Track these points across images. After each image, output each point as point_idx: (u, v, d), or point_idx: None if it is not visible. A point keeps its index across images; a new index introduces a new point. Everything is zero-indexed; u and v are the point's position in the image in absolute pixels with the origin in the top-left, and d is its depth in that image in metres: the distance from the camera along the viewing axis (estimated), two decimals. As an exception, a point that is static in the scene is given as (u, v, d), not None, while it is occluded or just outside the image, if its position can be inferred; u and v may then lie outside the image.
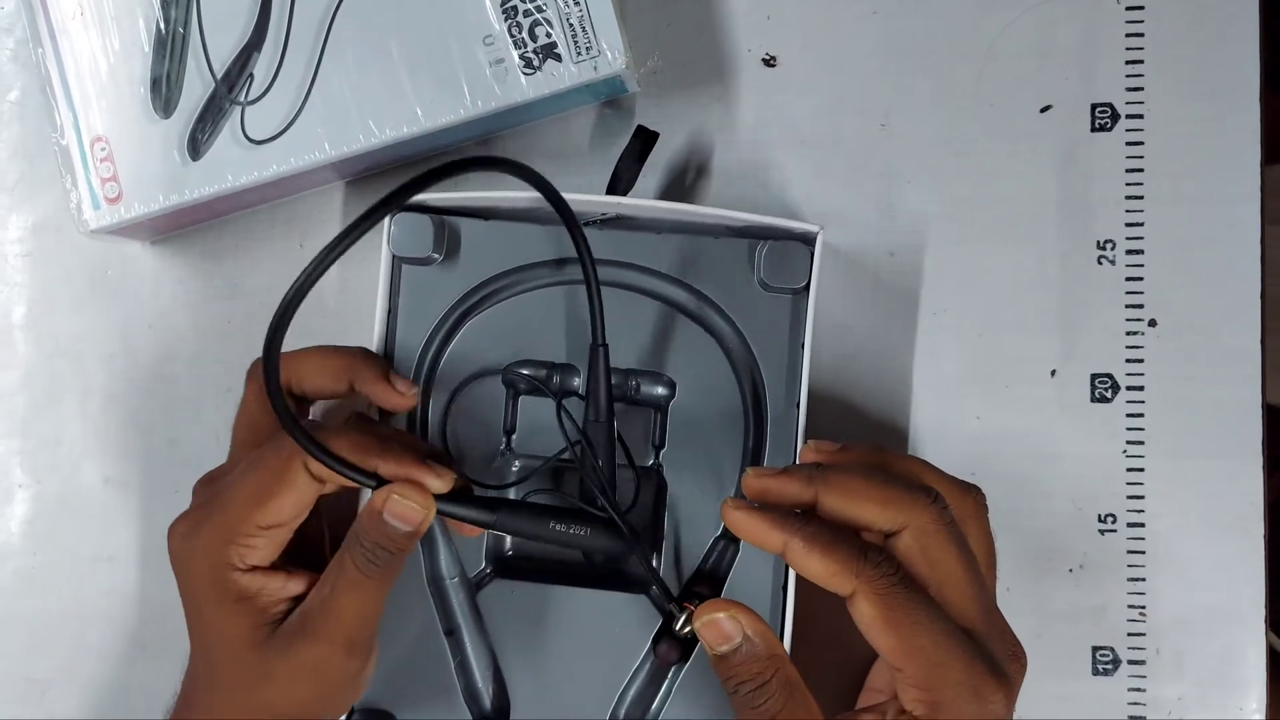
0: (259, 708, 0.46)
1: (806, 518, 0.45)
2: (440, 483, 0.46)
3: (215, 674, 0.47)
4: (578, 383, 0.52)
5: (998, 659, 0.44)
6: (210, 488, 0.49)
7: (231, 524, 0.46)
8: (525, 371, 0.52)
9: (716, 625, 0.45)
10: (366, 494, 0.47)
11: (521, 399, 0.53)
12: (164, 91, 0.54)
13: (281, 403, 0.43)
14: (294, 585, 0.47)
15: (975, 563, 0.45)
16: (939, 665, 0.42)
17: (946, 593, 0.44)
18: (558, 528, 0.48)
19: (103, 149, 0.55)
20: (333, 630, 0.46)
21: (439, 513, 0.46)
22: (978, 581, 0.45)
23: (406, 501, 0.45)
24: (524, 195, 0.51)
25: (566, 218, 0.46)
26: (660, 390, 0.52)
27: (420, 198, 0.51)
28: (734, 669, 0.44)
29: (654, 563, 0.51)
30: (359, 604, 0.46)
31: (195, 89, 0.54)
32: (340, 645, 0.46)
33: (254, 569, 0.46)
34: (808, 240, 0.51)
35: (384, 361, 0.51)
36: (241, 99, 0.54)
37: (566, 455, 0.51)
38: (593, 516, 0.49)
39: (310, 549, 0.51)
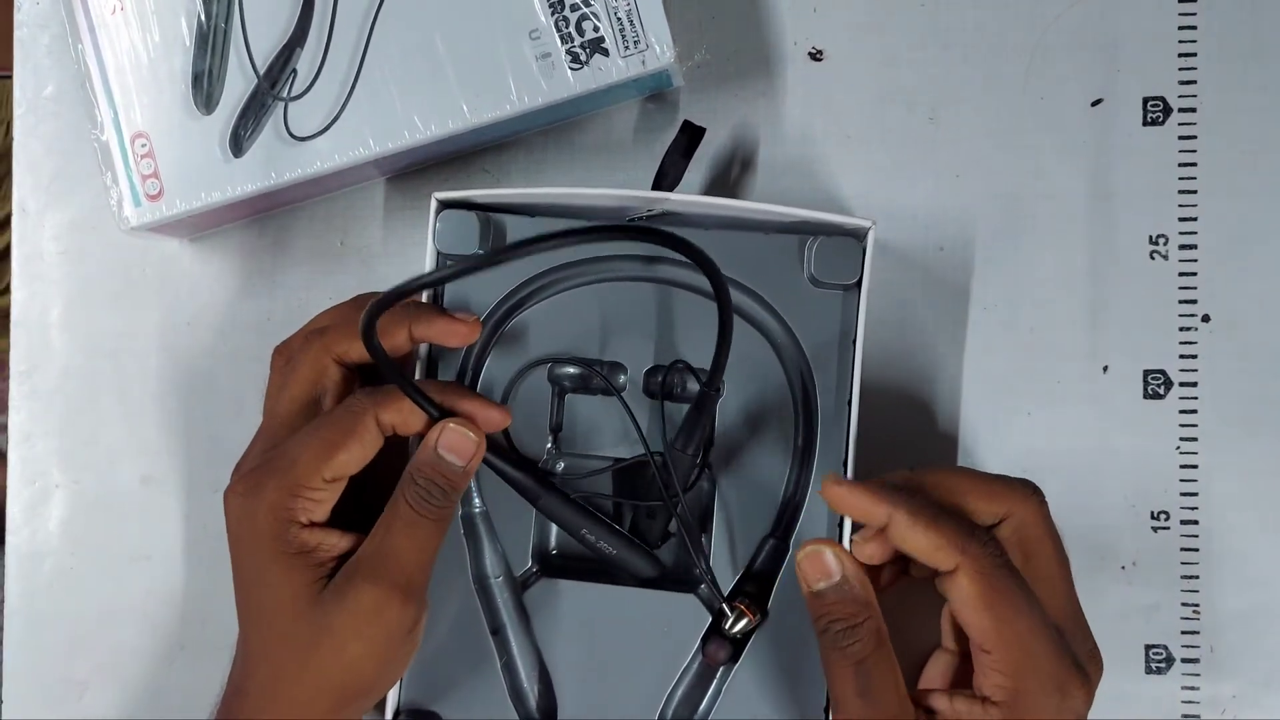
0: (314, 675, 0.46)
1: (910, 491, 0.45)
2: (499, 415, 0.47)
3: (269, 644, 0.47)
4: (623, 379, 0.52)
5: (1080, 658, 0.43)
6: (261, 457, 0.48)
7: (299, 477, 0.46)
8: (570, 370, 0.52)
9: (820, 558, 0.45)
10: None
11: (567, 397, 0.52)
12: (206, 87, 0.54)
13: (378, 349, 0.44)
14: (344, 542, 0.47)
15: (1067, 560, 0.45)
16: (1029, 655, 0.42)
17: (1040, 588, 0.44)
18: (588, 535, 0.50)
19: (143, 145, 0.54)
20: (390, 572, 0.45)
21: (493, 467, 0.49)
22: (1068, 579, 0.45)
23: (462, 430, 0.46)
24: (568, 191, 0.51)
25: (722, 302, 0.46)
26: None
27: (465, 194, 0.51)
28: (828, 607, 0.44)
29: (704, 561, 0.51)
30: (414, 545, 0.46)
31: (237, 85, 0.54)
32: (397, 588, 0.45)
33: (312, 525, 0.47)
34: (859, 236, 0.50)
35: (434, 304, 0.51)
36: (284, 95, 0.53)
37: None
38: (626, 540, 0.50)
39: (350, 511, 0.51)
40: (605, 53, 0.52)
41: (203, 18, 0.54)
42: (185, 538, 0.59)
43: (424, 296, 0.52)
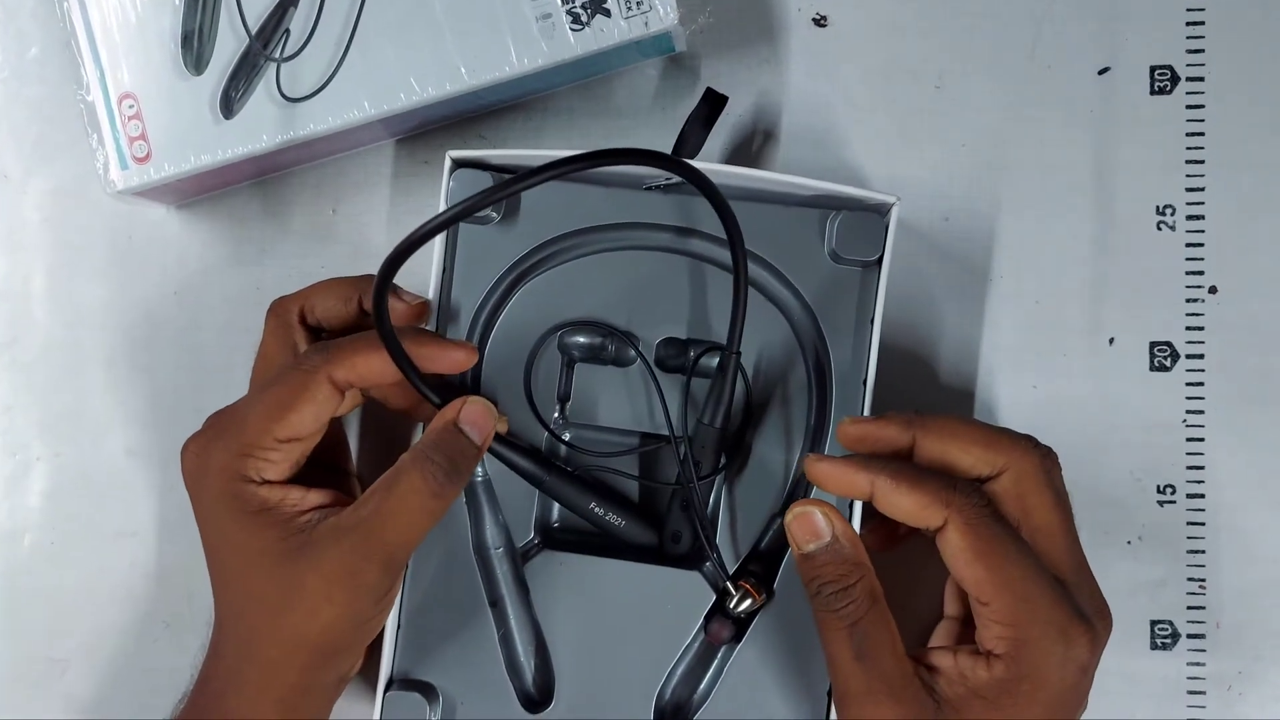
0: (287, 634, 0.45)
1: (889, 458, 0.44)
2: (464, 354, 0.47)
3: (240, 604, 0.46)
4: (634, 352, 0.51)
5: (1085, 610, 0.43)
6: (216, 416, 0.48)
7: (249, 437, 0.45)
8: (581, 339, 0.51)
9: (809, 519, 0.44)
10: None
11: (576, 366, 0.52)
12: (195, 47, 0.52)
13: (383, 312, 0.44)
14: (315, 496, 0.46)
15: (1070, 514, 0.45)
16: (1027, 601, 0.42)
17: (1039, 540, 0.44)
18: (596, 509, 0.49)
19: (131, 106, 0.53)
20: (377, 542, 0.44)
21: (496, 454, 0.48)
22: (1070, 533, 0.44)
23: (484, 403, 0.46)
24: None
25: (726, 220, 0.46)
26: None
27: (480, 153, 0.50)
28: (819, 569, 0.44)
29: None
30: (412, 522, 0.45)
31: (228, 45, 0.52)
32: (378, 558, 0.44)
33: (269, 483, 0.46)
34: (880, 211, 0.49)
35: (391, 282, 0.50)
36: (277, 55, 0.52)
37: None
38: (631, 509, 0.50)
39: (325, 465, 0.51)
40: (607, 13, 0.51)
41: (193, -25, 0.52)
42: (170, 512, 0.57)
43: (434, 272, 0.50)
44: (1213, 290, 0.54)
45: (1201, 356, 0.54)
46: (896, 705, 0.42)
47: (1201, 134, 0.55)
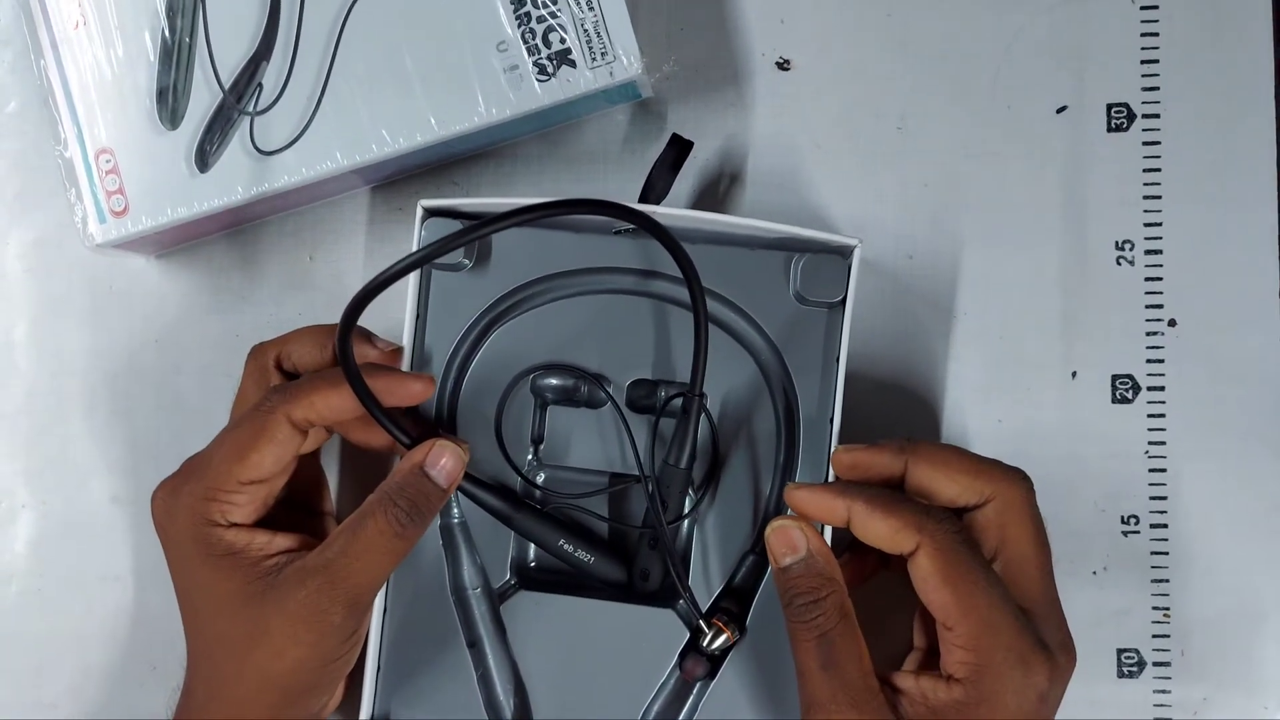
0: (253, 675, 0.45)
1: (866, 485, 0.46)
2: (420, 386, 0.48)
3: (208, 645, 0.47)
4: (605, 394, 0.51)
5: (1049, 643, 0.44)
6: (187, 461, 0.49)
7: (213, 480, 0.46)
8: (554, 381, 0.51)
9: (786, 533, 0.46)
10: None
11: (550, 409, 0.52)
12: (170, 102, 0.53)
13: (348, 351, 0.45)
14: (281, 540, 0.47)
15: (1047, 550, 0.46)
16: (991, 627, 0.43)
17: (1013, 570, 0.45)
18: (565, 546, 0.50)
19: (108, 161, 0.54)
20: (342, 584, 0.45)
21: (466, 493, 0.49)
22: (1045, 567, 0.45)
23: (453, 447, 0.47)
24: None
25: (684, 266, 0.47)
26: None
27: (451, 202, 0.51)
28: (793, 581, 0.45)
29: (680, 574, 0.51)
30: (376, 564, 0.46)
31: (203, 99, 0.53)
32: (342, 601, 0.45)
33: (235, 526, 0.47)
34: (844, 253, 0.50)
35: (365, 329, 0.51)
36: (250, 109, 0.53)
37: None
38: (601, 545, 0.51)
39: (301, 505, 0.52)
40: (572, 64, 0.52)
41: (167, 32, 0.53)
42: (154, 557, 0.57)
43: (408, 318, 0.51)
44: (1172, 323, 0.55)
45: (1162, 388, 0.55)
46: (858, 717, 0.43)
47: (1158, 170, 0.55)
